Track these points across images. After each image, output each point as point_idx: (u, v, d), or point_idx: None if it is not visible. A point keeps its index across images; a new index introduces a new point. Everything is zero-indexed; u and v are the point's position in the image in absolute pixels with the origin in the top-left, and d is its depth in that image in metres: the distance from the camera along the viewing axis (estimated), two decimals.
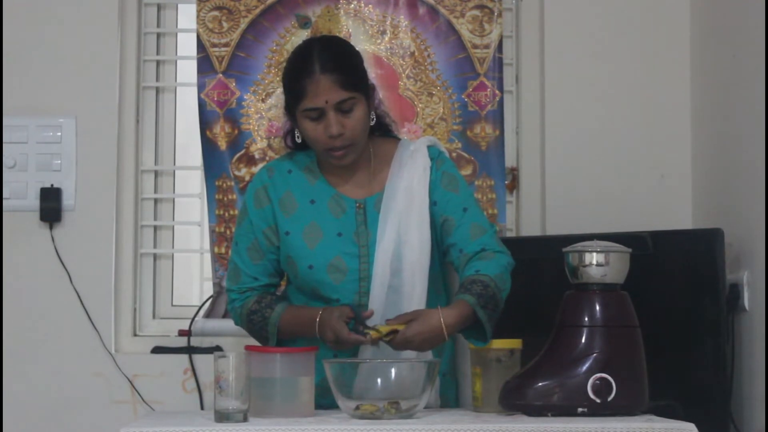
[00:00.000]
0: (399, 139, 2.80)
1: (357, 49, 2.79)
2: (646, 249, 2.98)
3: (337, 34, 3.54)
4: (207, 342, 3.55)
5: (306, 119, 2.62)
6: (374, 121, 2.70)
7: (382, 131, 2.79)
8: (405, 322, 2.47)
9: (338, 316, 2.52)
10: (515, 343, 2.48)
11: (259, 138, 3.56)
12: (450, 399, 2.74)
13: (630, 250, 2.44)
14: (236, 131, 3.56)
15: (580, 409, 2.30)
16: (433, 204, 2.69)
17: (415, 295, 2.60)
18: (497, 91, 3.57)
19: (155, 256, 3.66)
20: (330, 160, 2.67)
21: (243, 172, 3.53)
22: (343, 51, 2.68)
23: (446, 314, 2.49)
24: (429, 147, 2.74)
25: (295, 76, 2.62)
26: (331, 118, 2.59)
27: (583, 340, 2.36)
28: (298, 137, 2.70)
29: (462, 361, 2.77)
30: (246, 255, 2.72)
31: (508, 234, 3.55)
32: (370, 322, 2.54)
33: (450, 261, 2.70)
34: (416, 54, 3.58)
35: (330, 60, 2.60)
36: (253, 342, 2.75)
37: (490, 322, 2.53)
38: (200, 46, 3.58)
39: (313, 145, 2.66)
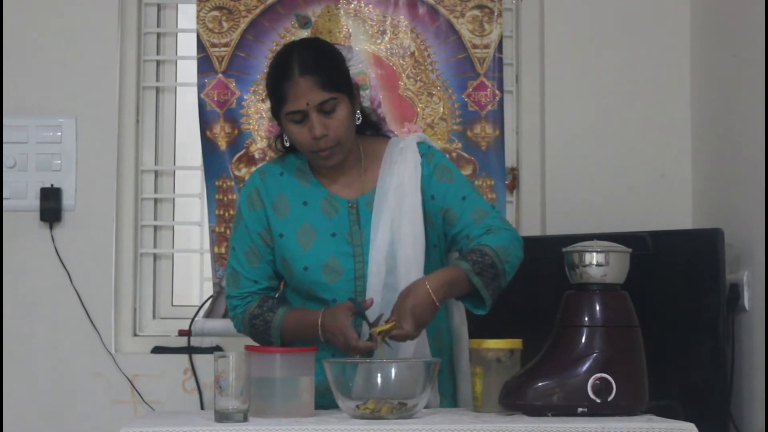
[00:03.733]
0: (389, 138, 2.80)
1: (340, 48, 2.79)
2: (646, 249, 2.99)
3: (337, 34, 3.54)
4: (207, 342, 3.55)
5: (290, 122, 2.63)
6: (360, 120, 2.70)
7: (373, 130, 2.79)
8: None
9: (344, 317, 2.51)
10: (515, 343, 2.48)
11: (259, 138, 3.56)
12: (447, 396, 2.74)
13: (630, 250, 2.44)
14: (236, 131, 3.57)
15: (580, 409, 2.30)
16: (430, 198, 2.69)
17: None
18: (497, 91, 3.58)
19: (155, 256, 3.66)
20: (318, 162, 2.67)
21: (243, 172, 3.53)
22: (321, 52, 2.67)
23: (430, 279, 2.50)
24: (419, 143, 2.74)
25: (276, 80, 2.62)
26: (314, 120, 2.59)
27: (583, 340, 2.36)
28: (286, 141, 2.70)
29: (460, 358, 2.77)
30: (244, 259, 2.72)
31: None
32: (369, 315, 2.54)
33: (459, 250, 2.70)
34: (416, 54, 3.58)
35: (308, 62, 2.60)
36: (253, 342, 2.74)
37: (488, 289, 2.54)
38: (200, 46, 3.58)
39: (300, 148, 2.66)
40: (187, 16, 3.69)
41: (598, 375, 2.31)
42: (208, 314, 3.54)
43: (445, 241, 2.71)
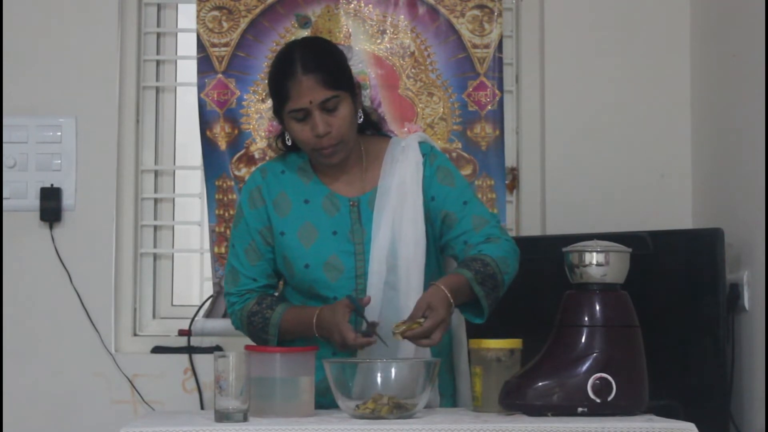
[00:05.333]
0: (390, 137, 2.80)
1: (341, 47, 2.79)
2: (646, 249, 2.98)
3: (337, 34, 3.55)
4: (207, 342, 3.55)
5: (293, 121, 2.63)
6: (362, 119, 2.70)
7: (373, 129, 2.80)
8: (420, 317, 2.46)
9: (342, 315, 2.51)
10: (515, 343, 2.48)
11: (259, 138, 3.56)
12: (447, 396, 2.74)
13: (630, 250, 2.44)
14: (236, 131, 3.57)
15: (580, 409, 2.30)
16: (431, 200, 2.69)
17: (411, 291, 2.60)
18: (497, 91, 3.58)
19: (155, 256, 3.66)
20: (320, 160, 2.67)
21: (243, 172, 3.53)
22: (323, 50, 2.68)
23: (445, 284, 2.49)
24: (420, 143, 2.74)
25: (279, 79, 2.63)
26: (317, 118, 2.59)
27: (583, 340, 2.36)
28: (288, 139, 2.70)
29: (459, 358, 2.77)
30: (244, 257, 2.72)
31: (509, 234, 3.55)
32: (369, 317, 2.53)
33: (454, 255, 2.70)
34: (416, 54, 3.58)
35: (311, 60, 2.60)
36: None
37: (488, 299, 2.54)
38: (200, 46, 3.58)
39: (302, 146, 2.67)
40: (187, 16, 3.69)
41: (598, 375, 2.31)
42: (208, 314, 3.54)
43: (438, 241, 2.72)
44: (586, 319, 2.37)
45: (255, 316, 2.68)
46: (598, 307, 2.37)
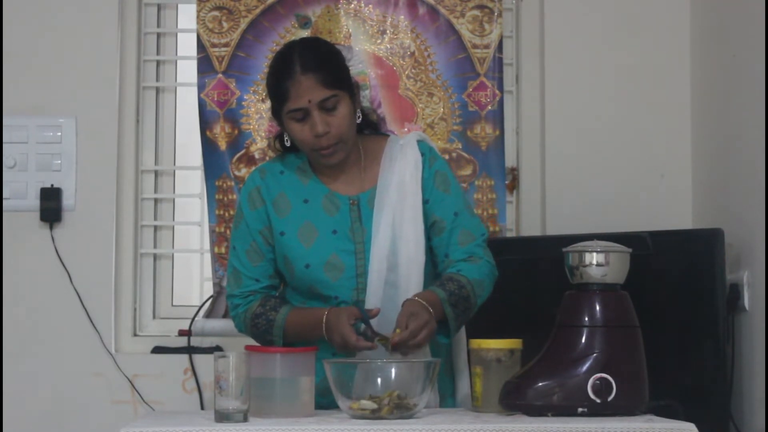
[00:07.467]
0: (388, 136, 2.81)
1: (341, 48, 2.79)
2: (646, 249, 2.98)
3: (337, 34, 3.55)
4: (207, 342, 3.55)
5: (292, 121, 2.63)
6: (360, 119, 2.71)
7: (371, 129, 2.80)
8: (404, 326, 2.47)
9: (346, 319, 2.51)
10: (515, 343, 2.48)
11: (259, 138, 3.56)
12: (447, 396, 2.74)
13: (630, 250, 2.44)
14: (236, 131, 3.57)
15: (580, 409, 2.30)
16: (425, 202, 2.70)
17: (411, 289, 2.60)
18: (497, 91, 3.58)
19: (155, 256, 3.66)
20: (319, 160, 2.68)
21: (243, 172, 3.53)
22: (322, 50, 2.68)
23: (420, 297, 2.53)
24: (419, 142, 2.75)
25: (277, 79, 2.63)
26: (316, 117, 2.60)
27: (583, 340, 2.36)
28: (286, 140, 2.70)
29: (458, 359, 2.77)
30: (245, 257, 2.72)
31: (508, 234, 3.56)
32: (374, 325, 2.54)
33: (433, 261, 2.71)
34: (416, 54, 3.58)
35: (310, 60, 2.61)
36: (253, 342, 2.74)
37: (457, 320, 2.57)
38: (200, 46, 3.58)
39: (301, 146, 2.67)
40: (187, 16, 3.69)
41: (598, 375, 2.31)
42: (208, 314, 3.54)
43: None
44: (586, 319, 2.37)
45: (259, 318, 2.68)
46: (598, 308, 2.38)
